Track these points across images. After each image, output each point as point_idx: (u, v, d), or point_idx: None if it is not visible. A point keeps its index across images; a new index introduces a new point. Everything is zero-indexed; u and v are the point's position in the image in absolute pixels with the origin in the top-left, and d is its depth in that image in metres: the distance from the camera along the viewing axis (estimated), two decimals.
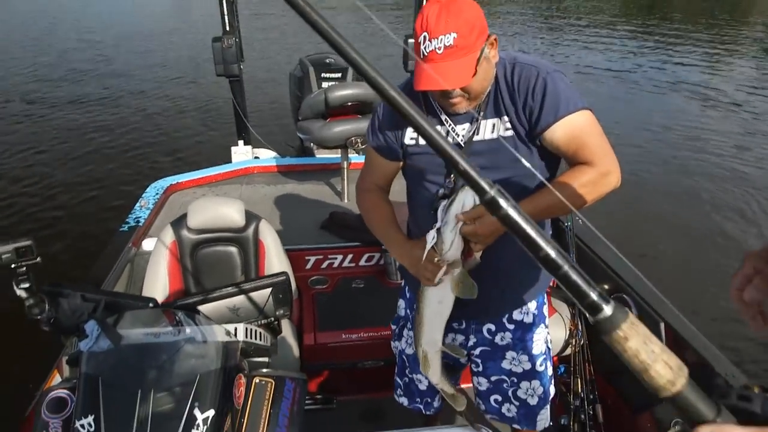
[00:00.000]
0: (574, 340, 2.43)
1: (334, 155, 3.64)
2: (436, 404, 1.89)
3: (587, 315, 0.63)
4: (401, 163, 1.63)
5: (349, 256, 2.81)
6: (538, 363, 1.72)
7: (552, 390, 1.79)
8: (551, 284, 2.74)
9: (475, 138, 1.46)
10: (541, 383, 1.74)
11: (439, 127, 1.47)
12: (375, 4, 17.02)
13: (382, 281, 2.80)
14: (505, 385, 1.75)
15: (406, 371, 1.89)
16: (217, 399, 1.24)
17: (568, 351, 2.45)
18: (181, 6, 18.88)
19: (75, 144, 6.96)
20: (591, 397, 2.26)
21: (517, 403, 1.76)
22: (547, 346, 1.77)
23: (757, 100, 9.72)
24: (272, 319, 1.61)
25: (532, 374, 1.73)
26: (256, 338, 1.46)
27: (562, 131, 1.38)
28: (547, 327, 1.77)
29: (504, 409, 1.79)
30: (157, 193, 3.12)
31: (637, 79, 10.74)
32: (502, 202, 0.59)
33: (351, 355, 2.46)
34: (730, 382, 1.82)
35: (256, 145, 4.36)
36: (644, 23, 16.19)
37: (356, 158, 3.64)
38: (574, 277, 0.59)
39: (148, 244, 2.58)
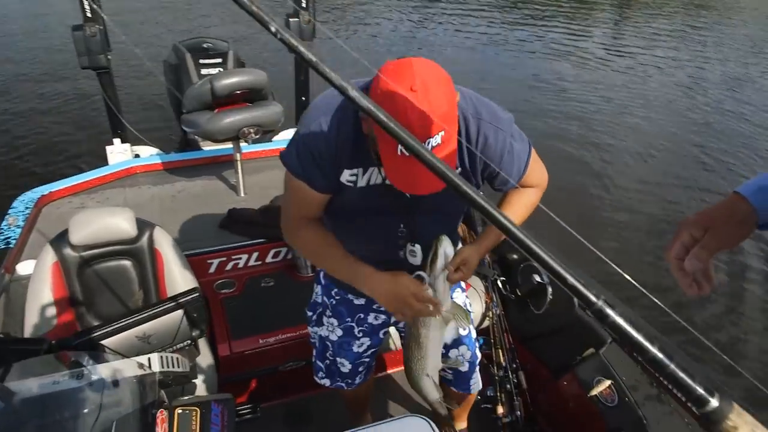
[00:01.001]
0: (490, 312, 2.48)
1: (224, 146, 3.42)
2: (357, 381, 1.95)
3: (694, 409, 0.64)
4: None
5: (255, 254, 2.67)
6: (461, 328, 1.79)
7: (478, 353, 1.91)
8: None
9: None
10: (468, 347, 1.85)
11: (377, 170, 1.37)
12: None
13: (293, 276, 2.69)
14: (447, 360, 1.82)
15: (328, 354, 1.88)
16: None
17: (486, 323, 2.50)
18: None
19: None
20: (513, 365, 2.32)
21: (450, 371, 1.89)
22: (467, 310, 1.85)
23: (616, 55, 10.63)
24: (189, 342, 1.46)
25: (457, 341, 1.82)
26: (173, 366, 1.32)
27: (530, 166, 1.48)
28: (464, 291, 1.88)
29: (440, 372, 1.88)
30: (26, 208, 2.76)
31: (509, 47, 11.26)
32: (609, 312, 0.61)
33: (271, 360, 2.34)
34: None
35: (135, 143, 4.01)
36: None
37: (249, 148, 3.46)
38: (681, 374, 0.61)
39: (24, 268, 2.28)
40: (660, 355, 0.62)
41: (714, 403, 0.61)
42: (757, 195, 0.85)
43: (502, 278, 2.60)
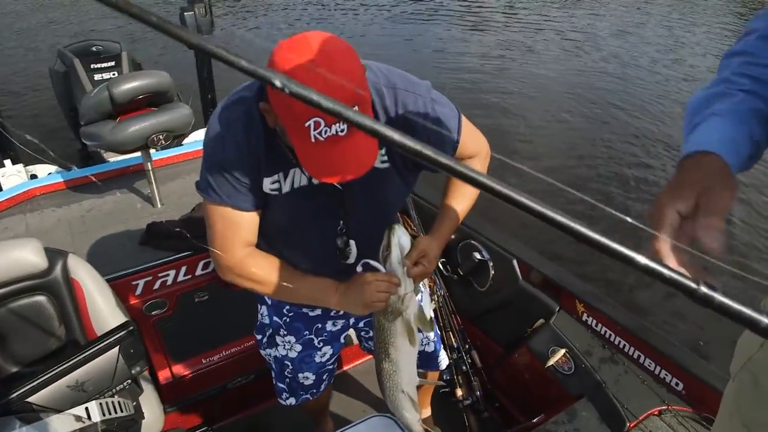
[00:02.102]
0: (435, 295, 2.47)
1: (131, 156, 3.18)
2: (322, 388, 1.88)
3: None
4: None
5: (183, 269, 2.50)
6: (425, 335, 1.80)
7: (437, 330, 1.90)
8: None
9: None
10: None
11: (298, 170, 1.26)
12: None
13: (227, 286, 2.55)
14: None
15: (287, 372, 1.79)
16: None
17: (432, 306, 2.48)
18: None
19: None
20: (466, 346, 2.32)
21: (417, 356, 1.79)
22: (421, 289, 1.78)
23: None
24: (129, 381, 1.32)
25: None
26: (115, 411, 1.19)
27: (464, 133, 1.39)
28: (426, 285, 1.86)
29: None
30: None
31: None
32: (716, 296, 0.53)
33: (218, 378, 2.21)
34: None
35: (28, 162, 3.66)
36: None
37: (159, 154, 3.24)
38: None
39: None
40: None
41: None
42: (721, 147, 0.77)
43: (442, 259, 2.59)
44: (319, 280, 1.37)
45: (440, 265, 2.57)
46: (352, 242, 1.40)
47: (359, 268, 1.36)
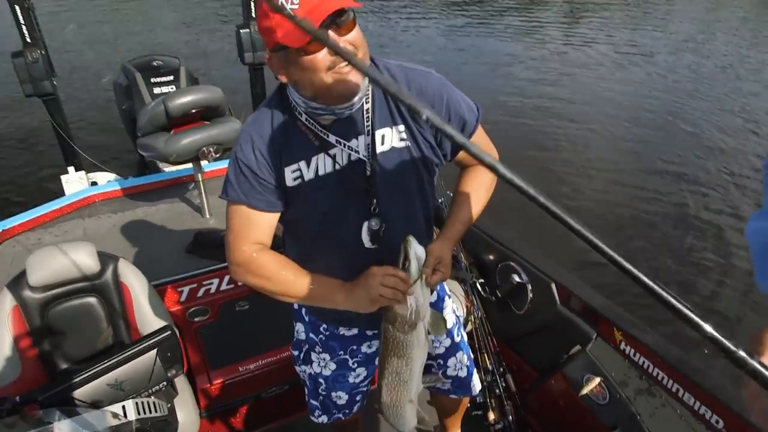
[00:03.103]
0: (472, 316, 2.45)
1: (185, 167, 3.32)
2: (355, 409, 1.87)
3: None
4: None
5: (227, 278, 2.58)
6: (455, 335, 1.78)
7: (471, 354, 1.88)
8: None
9: (377, 150, 1.32)
10: (464, 352, 1.82)
11: (322, 156, 1.31)
12: None
13: (268, 297, 2.61)
14: (433, 368, 1.78)
15: (320, 390, 1.79)
16: None
17: (469, 327, 2.46)
18: None
19: None
20: (500, 369, 2.29)
21: (449, 380, 1.82)
22: (456, 315, 1.81)
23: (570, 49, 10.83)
24: (165, 383, 1.38)
25: (454, 348, 1.78)
26: (150, 411, 1.24)
27: (475, 137, 1.42)
28: (450, 297, 1.82)
29: (438, 384, 1.85)
30: None
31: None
32: (749, 360, 0.54)
33: (253, 387, 2.26)
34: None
35: (90, 170, 3.86)
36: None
37: (210, 166, 3.36)
38: None
39: None
40: None
41: None
42: None
43: (481, 281, 2.58)
44: (326, 279, 1.37)
45: (479, 286, 2.55)
46: (382, 224, 1.38)
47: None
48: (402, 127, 1.34)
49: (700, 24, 14.44)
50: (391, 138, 1.34)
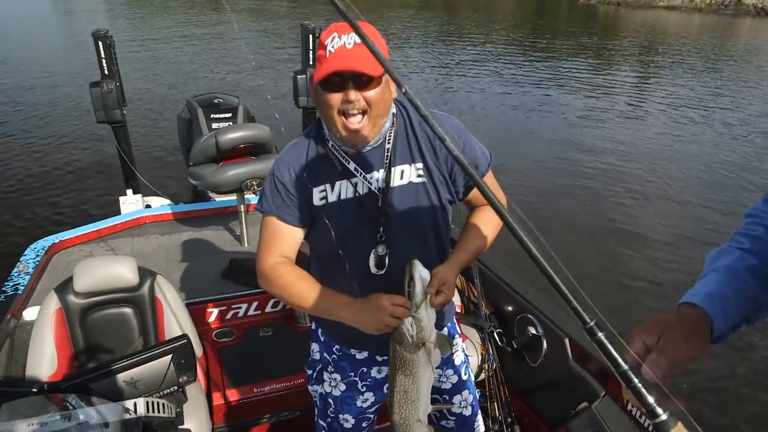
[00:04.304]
0: (486, 364, 2.49)
1: (231, 198, 3.54)
2: None
3: (648, 419, 0.80)
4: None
5: (255, 304, 2.72)
6: (462, 373, 1.82)
7: (476, 395, 1.89)
8: (458, 310, 2.81)
9: (391, 185, 1.47)
10: (470, 392, 1.84)
11: (345, 182, 1.47)
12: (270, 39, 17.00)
13: (291, 326, 2.73)
14: (438, 403, 1.81)
15: (329, 411, 1.85)
16: None
17: (482, 376, 2.50)
18: (68, 46, 17.47)
19: None
20: (509, 419, 2.31)
21: (453, 418, 1.84)
22: (465, 355, 1.86)
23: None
24: (176, 387, 1.50)
25: (460, 386, 1.81)
26: (159, 411, 1.36)
27: (486, 179, 1.55)
28: (460, 336, 1.87)
29: (443, 422, 1.87)
30: (37, 255, 2.86)
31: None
32: (598, 332, 0.75)
33: (265, 410, 2.36)
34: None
35: (146, 193, 4.15)
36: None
37: (254, 199, 3.56)
38: (643, 391, 0.74)
39: (30, 314, 2.35)
40: (630, 372, 0.75)
41: (663, 416, 0.74)
42: (706, 300, 0.88)
43: (499, 330, 2.62)
44: (336, 294, 1.48)
45: (496, 336, 2.59)
46: (387, 251, 1.51)
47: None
48: (420, 164, 1.49)
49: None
50: (409, 174, 1.49)
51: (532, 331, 2.45)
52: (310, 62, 3.98)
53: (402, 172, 1.48)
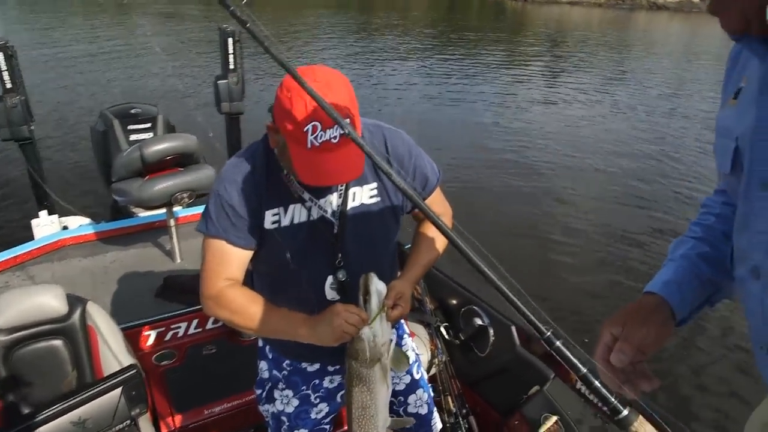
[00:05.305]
0: (436, 359, 2.51)
1: (157, 212, 3.37)
2: None
3: (610, 415, 0.89)
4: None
5: (195, 322, 2.60)
6: (414, 372, 1.83)
7: (431, 393, 1.92)
8: None
9: (347, 207, 1.45)
10: (424, 389, 1.86)
11: (299, 206, 1.42)
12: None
13: (234, 341, 2.64)
14: (394, 406, 1.81)
15: (282, 429, 1.80)
16: None
17: (433, 371, 2.51)
18: None
19: None
20: (463, 411, 2.33)
21: (410, 418, 1.84)
22: (416, 353, 1.87)
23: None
24: (129, 422, 1.41)
25: (413, 385, 1.83)
26: None
27: (434, 195, 1.59)
28: (408, 334, 1.89)
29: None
30: None
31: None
32: (555, 341, 0.84)
33: (218, 430, 2.27)
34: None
35: (62, 213, 3.87)
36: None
37: (184, 212, 3.42)
38: (604, 391, 0.83)
39: None
40: (590, 375, 0.81)
41: (625, 412, 0.81)
42: (663, 288, 0.94)
43: (445, 324, 2.64)
44: (291, 313, 1.43)
45: (443, 330, 2.62)
46: (348, 278, 1.47)
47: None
48: (374, 184, 1.47)
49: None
50: (362, 195, 1.47)
51: (478, 321, 2.49)
52: (230, 66, 3.87)
53: (354, 194, 1.46)
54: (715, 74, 14.47)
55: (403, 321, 1.88)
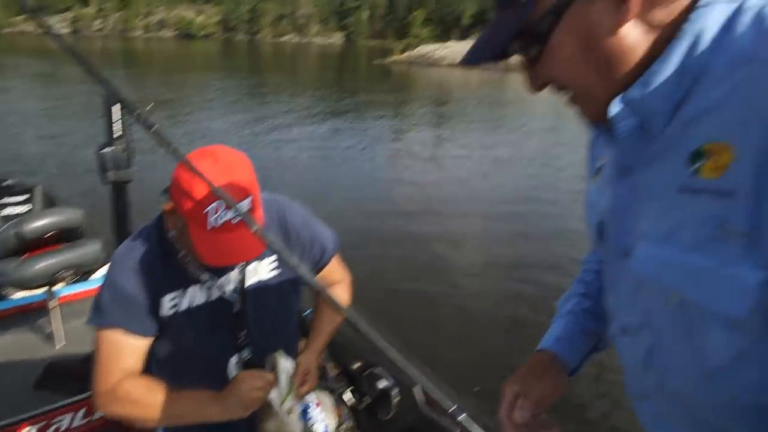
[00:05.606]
0: (343, 425, 2.49)
1: (34, 293, 3.13)
2: None
3: None
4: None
5: (81, 411, 2.40)
6: None
7: None
8: None
9: (248, 284, 1.44)
10: None
11: (197, 287, 1.39)
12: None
13: (130, 428, 2.46)
14: None
15: None
16: None
17: None
18: None
19: None
20: None
21: None
22: (324, 424, 1.84)
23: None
24: None
25: None
26: None
27: (333, 262, 1.63)
28: (315, 403, 1.84)
29: None
30: None
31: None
32: (459, 414, 0.90)
33: None
34: None
35: None
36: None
37: (66, 290, 3.20)
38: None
39: None
40: None
41: None
42: (555, 344, 1.05)
43: (351, 387, 2.64)
44: (196, 393, 1.35)
45: (349, 394, 2.61)
46: (252, 355, 1.46)
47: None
48: (273, 257, 1.48)
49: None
50: (262, 270, 1.47)
51: (381, 384, 2.51)
52: (114, 135, 3.75)
53: (255, 269, 1.46)
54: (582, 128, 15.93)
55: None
